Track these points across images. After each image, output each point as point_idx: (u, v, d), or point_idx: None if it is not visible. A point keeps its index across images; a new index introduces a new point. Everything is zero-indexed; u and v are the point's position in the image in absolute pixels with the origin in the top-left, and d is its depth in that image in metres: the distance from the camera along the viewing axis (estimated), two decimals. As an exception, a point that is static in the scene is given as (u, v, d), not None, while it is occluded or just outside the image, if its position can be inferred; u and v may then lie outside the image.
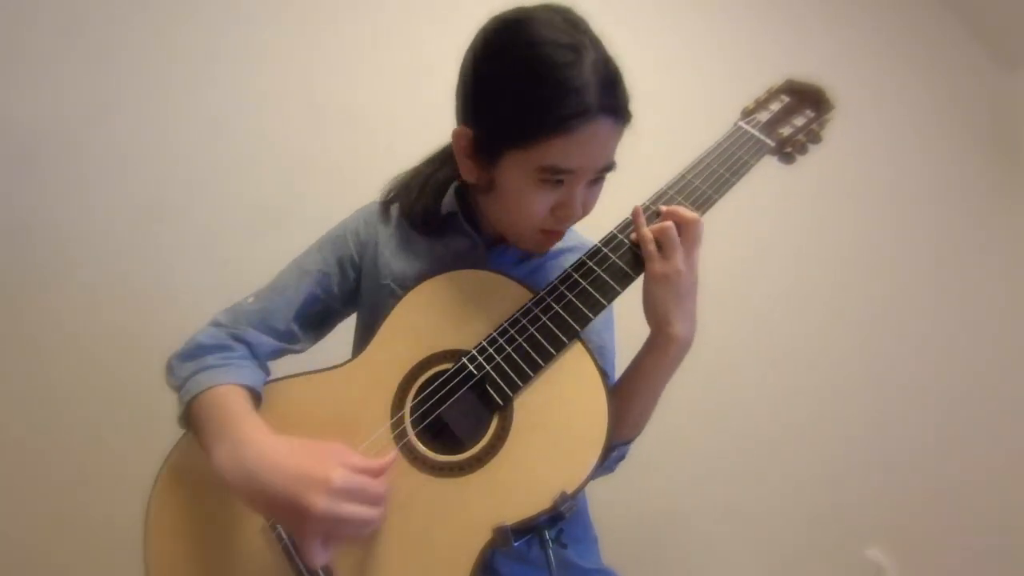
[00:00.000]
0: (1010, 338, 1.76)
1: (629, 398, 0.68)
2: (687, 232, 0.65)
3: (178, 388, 0.69)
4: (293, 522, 0.57)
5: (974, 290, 1.78)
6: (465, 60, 0.70)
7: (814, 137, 0.78)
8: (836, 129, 0.81)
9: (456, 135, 0.70)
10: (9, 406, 1.21)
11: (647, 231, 0.66)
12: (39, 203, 1.27)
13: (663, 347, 0.65)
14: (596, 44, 0.64)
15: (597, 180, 0.70)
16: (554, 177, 0.65)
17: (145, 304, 1.29)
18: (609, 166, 0.69)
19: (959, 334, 1.74)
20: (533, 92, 0.62)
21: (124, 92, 1.33)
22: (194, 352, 0.71)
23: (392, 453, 0.63)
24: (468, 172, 0.72)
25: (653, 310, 0.65)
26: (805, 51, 1.78)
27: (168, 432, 0.73)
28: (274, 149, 1.39)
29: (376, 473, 0.59)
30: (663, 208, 0.68)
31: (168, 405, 1.21)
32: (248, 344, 0.74)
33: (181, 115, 1.35)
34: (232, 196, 1.36)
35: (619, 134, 0.67)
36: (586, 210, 0.72)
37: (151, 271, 1.30)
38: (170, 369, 0.72)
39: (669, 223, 0.65)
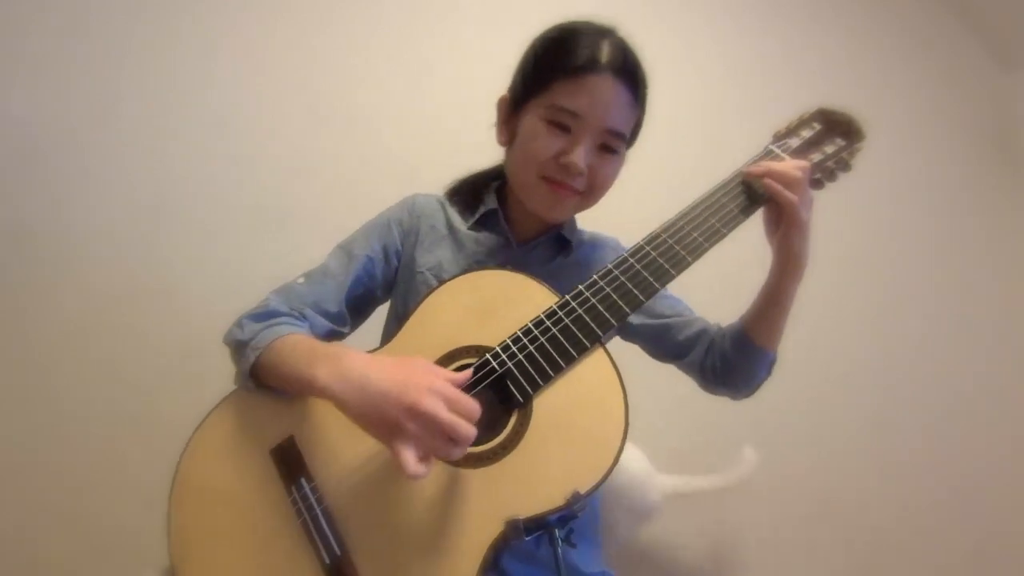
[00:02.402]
0: (1009, 337, 1.77)
1: (781, 315, 0.79)
2: (807, 178, 0.74)
3: (244, 343, 0.71)
4: (397, 423, 0.57)
5: (973, 289, 1.78)
6: None
7: (844, 165, 0.79)
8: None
9: (498, 103, 0.83)
10: (10, 405, 1.21)
11: (784, 189, 0.72)
12: (41, 203, 1.27)
13: (797, 273, 0.76)
14: (619, 37, 0.77)
15: (608, 150, 0.76)
16: (561, 119, 0.73)
17: (146, 303, 1.29)
18: (617, 132, 0.76)
19: (958, 333, 1.74)
20: (552, 49, 0.76)
21: (126, 92, 1.33)
22: (266, 315, 0.74)
23: (468, 371, 0.65)
24: (500, 135, 0.83)
25: (792, 250, 0.74)
26: (805, 51, 1.78)
27: (168, 431, 0.73)
28: (274, 149, 1.39)
29: (459, 382, 0.62)
30: (791, 161, 0.75)
31: (169, 405, 1.20)
32: (309, 322, 0.77)
33: (182, 115, 1.35)
34: (232, 196, 1.36)
35: (630, 106, 0.76)
36: (595, 181, 0.77)
37: (152, 270, 1.30)
38: (240, 326, 0.74)
39: (802, 175, 0.72)
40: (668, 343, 0.88)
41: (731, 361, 0.82)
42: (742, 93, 1.72)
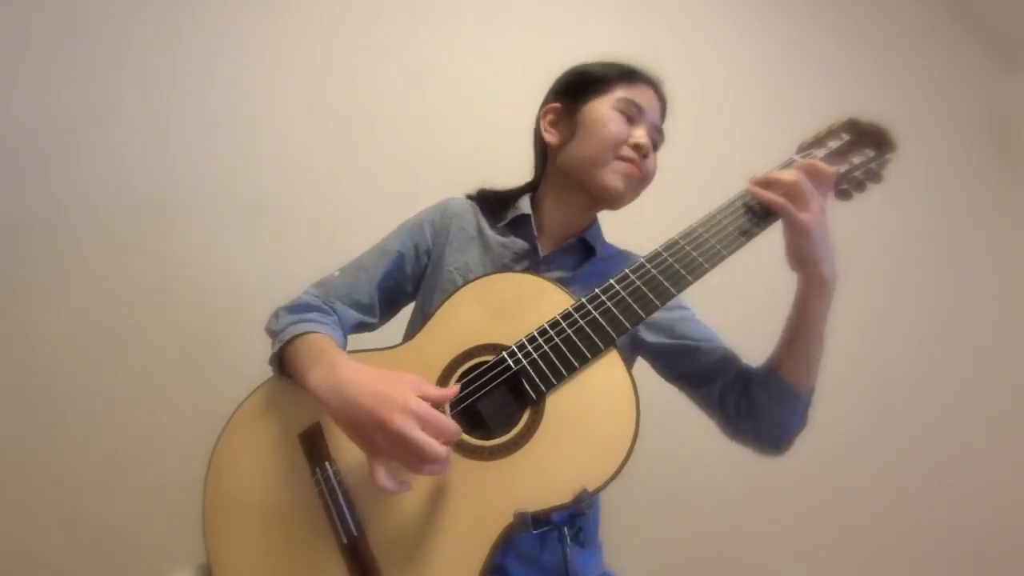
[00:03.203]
0: (1009, 337, 1.77)
1: (807, 342, 0.73)
2: (822, 181, 0.72)
3: (277, 332, 0.79)
4: (370, 436, 0.62)
5: (973, 289, 1.78)
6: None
7: (874, 176, 0.78)
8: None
9: (544, 111, 0.92)
10: (10, 406, 1.21)
11: (773, 193, 0.70)
12: (41, 203, 1.27)
13: (819, 289, 0.72)
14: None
15: (654, 147, 0.87)
16: (629, 110, 0.84)
17: (146, 303, 1.29)
18: (661, 132, 0.89)
19: (958, 333, 1.74)
20: (602, 64, 0.89)
21: (126, 92, 1.33)
22: (300, 308, 0.81)
23: (456, 386, 0.68)
24: (552, 136, 0.90)
25: (801, 258, 0.71)
26: (805, 51, 1.78)
27: (168, 431, 0.73)
28: (274, 149, 1.40)
29: (443, 400, 0.65)
30: (800, 162, 0.74)
31: (168, 405, 1.20)
32: (338, 315, 0.84)
33: (182, 115, 1.35)
34: (232, 196, 1.36)
35: (662, 116, 0.90)
36: (646, 174, 0.86)
37: (151, 270, 1.30)
38: (276, 316, 0.82)
39: (798, 178, 0.70)
40: (686, 367, 0.84)
41: (756, 399, 0.75)
42: (742, 93, 1.72)
